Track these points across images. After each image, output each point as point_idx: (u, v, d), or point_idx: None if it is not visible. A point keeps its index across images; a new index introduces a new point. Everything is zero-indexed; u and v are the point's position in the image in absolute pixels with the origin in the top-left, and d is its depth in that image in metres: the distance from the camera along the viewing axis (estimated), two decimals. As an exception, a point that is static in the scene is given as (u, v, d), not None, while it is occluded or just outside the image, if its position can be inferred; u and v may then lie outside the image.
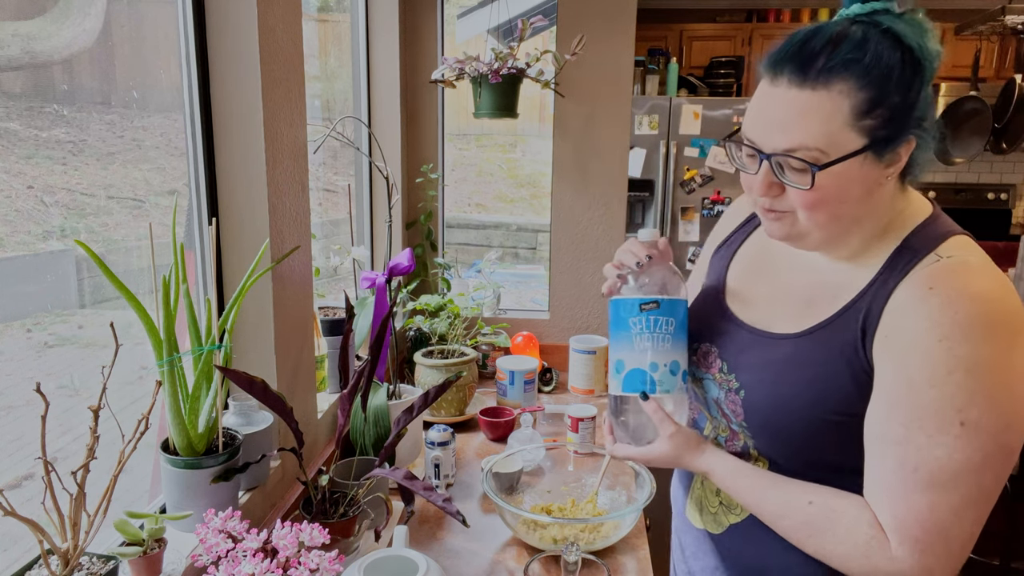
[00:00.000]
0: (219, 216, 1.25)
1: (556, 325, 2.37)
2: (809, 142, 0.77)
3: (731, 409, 0.96)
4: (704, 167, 4.70)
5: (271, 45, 1.22)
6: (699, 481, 1.06)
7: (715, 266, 1.09)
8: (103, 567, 0.91)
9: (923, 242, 0.83)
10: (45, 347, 1.21)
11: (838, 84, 0.76)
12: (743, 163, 0.87)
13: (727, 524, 1.00)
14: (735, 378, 0.94)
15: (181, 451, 1.07)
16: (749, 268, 1.03)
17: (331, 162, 2.23)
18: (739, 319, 0.99)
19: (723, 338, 0.99)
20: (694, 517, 1.07)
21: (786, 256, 0.98)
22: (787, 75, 0.78)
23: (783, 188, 0.83)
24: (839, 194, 0.80)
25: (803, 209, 0.82)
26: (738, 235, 1.08)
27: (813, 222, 0.83)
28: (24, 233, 1.15)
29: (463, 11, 3.44)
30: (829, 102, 0.76)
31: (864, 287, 0.85)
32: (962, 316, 0.75)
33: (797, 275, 0.96)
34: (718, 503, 1.02)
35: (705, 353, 1.01)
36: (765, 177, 0.83)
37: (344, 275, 1.92)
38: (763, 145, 0.81)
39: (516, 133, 5.59)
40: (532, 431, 1.68)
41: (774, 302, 0.96)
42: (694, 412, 1.07)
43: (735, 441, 0.98)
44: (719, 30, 5.25)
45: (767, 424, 0.91)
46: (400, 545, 1.12)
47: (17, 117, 1.12)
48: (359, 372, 1.32)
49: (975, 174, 5.44)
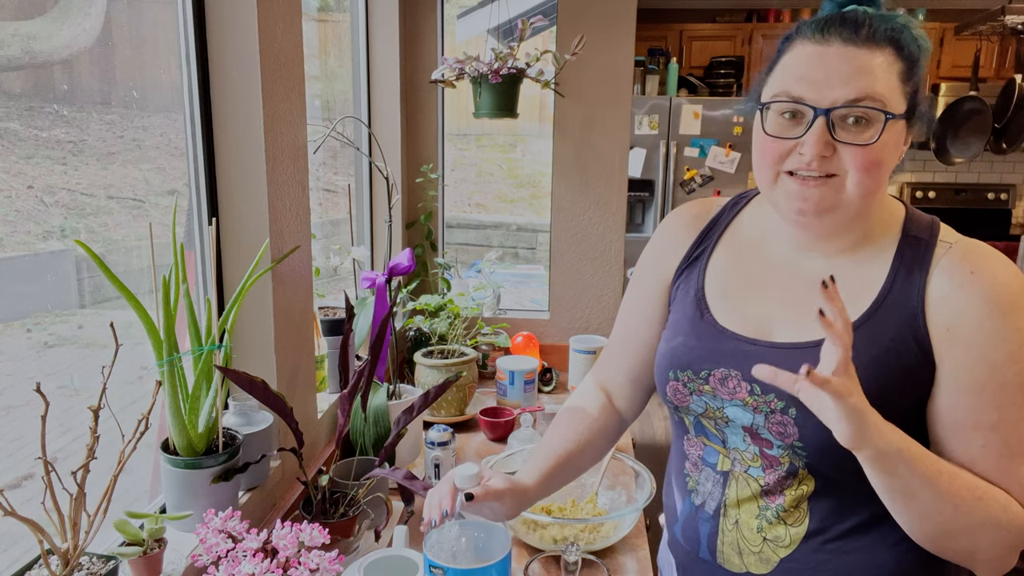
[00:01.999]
0: (219, 216, 1.25)
1: (556, 325, 2.37)
2: (875, 92, 0.79)
3: (776, 431, 0.87)
4: (704, 167, 4.70)
5: (271, 45, 1.22)
6: (730, 522, 0.95)
7: (684, 292, 1.00)
8: (103, 567, 0.91)
9: (922, 231, 0.86)
10: (45, 347, 1.21)
11: (885, 48, 0.80)
12: (780, 127, 0.84)
13: (777, 560, 0.92)
14: (775, 397, 0.86)
15: (181, 451, 1.07)
16: (729, 286, 0.97)
17: (331, 162, 2.23)
18: (750, 338, 0.91)
19: (742, 360, 0.90)
20: (731, 562, 0.96)
21: (764, 269, 0.95)
22: (838, 36, 0.80)
23: (834, 149, 0.81)
24: (889, 157, 0.81)
25: (859, 170, 0.80)
26: (698, 257, 1.01)
27: (861, 189, 0.81)
28: (24, 233, 1.15)
29: (463, 11, 3.44)
30: (884, 60, 0.80)
31: (886, 280, 0.85)
32: (1013, 291, 0.79)
33: (790, 283, 0.92)
34: (761, 540, 0.93)
35: (723, 379, 0.91)
36: (821, 135, 0.80)
37: (344, 275, 1.92)
38: (818, 101, 0.80)
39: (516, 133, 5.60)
40: (532, 431, 1.68)
41: (778, 314, 0.91)
42: (699, 450, 0.98)
43: (775, 468, 0.90)
44: (719, 30, 5.25)
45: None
46: (400, 545, 1.12)
47: (17, 117, 1.12)
48: (359, 372, 1.32)
49: (975, 174, 5.44)
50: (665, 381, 0.98)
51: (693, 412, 0.96)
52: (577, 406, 1.12)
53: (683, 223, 1.04)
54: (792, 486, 0.90)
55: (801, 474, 0.89)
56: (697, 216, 1.04)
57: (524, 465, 1.05)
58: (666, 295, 1.04)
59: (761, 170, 0.87)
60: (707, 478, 0.98)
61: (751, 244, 0.98)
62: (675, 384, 0.96)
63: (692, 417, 0.97)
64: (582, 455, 1.07)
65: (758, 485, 0.92)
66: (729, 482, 0.95)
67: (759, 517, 0.93)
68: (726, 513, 0.95)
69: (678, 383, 0.96)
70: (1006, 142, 4.50)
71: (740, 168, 4.70)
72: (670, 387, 0.97)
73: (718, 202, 1.05)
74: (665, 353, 0.99)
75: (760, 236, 0.98)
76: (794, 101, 0.81)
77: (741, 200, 1.03)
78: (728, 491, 0.95)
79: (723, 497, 0.96)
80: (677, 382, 0.96)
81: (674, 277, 1.03)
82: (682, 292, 1.01)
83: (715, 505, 0.97)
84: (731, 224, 1.02)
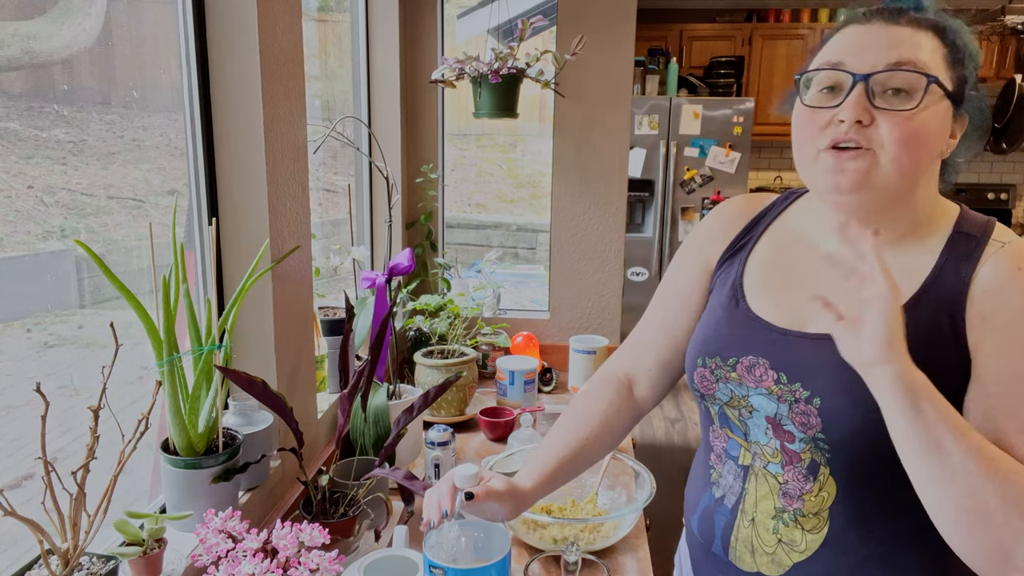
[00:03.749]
0: (219, 216, 1.25)
1: (556, 325, 2.37)
2: (916, 59, 0.79)
3: (799, 422, 0.88)
4: (704, 167, 4.70)
5: (271, 45, 1.22)
6: (746, 518, 0.95)
7: (723, 281, 1.01)
8: (103, 567, 0.91)
9: (975, 229, 0.86)
10: (45, 347, 1.21)
11: (928, 32, 0.81)
12: (819, 99, 0.84)
13: (790, 564, 0.91)
14: (802, 386, 0.87)
15: (181, 451, 1.07)
16: (768, 277, 0.97)
17: (331, 162, 2.23)
18: (782, 328, 0.92)
19: (770, 348, 0.91)
20: (742, 560, 0.95)
21: (805, 262, 0.95)
22: (880, 17, 0.82)
23: (872, 120, 0.80)
24: (929, 134, 0.81)
25: (896, 143, 0.79)
26: (742, 247, 1.02)
27: (899, 165, 0.80)
28: (24, 233, 1.15)
29: (463, 11, 3.44)
30: (927, 40, 0.81)
31: (931, 271, 0.85)
32: None
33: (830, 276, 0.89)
34: (776, 541, 0.92)
35: (750, 366, 0.92)
36: (859, 100, 0.79)
37: (344, 275, 1.92)
38: (857, 66, 0.80)
39: (516, 133, 5.59)
40: (532, 431, 1.68)
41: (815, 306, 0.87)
42: (723, 442, 0.99)
43: (795, 464, 0.90)
44: (719, 30, 5.25)
45: (852, 428, 0.83)
46: (400, 545, 1.12)
47: (17, 117, 1.12)
48: (359, 372, 1.32)
49: (975, 174, 5.44)
50: (694, 368, 0.98)
51: (719, 401, 0.97)
52: (588, 398, 1.11)
53: (732, 214, 1.05)
54: (812, 491, 0.89)
55: (822, 475, 0.88)
56: (746, 209, 1.05)
57: (526, 464, 1.04)
58: (707, 282, 1.05)
59: (800, 149, 0.87)
60: (729, 471, 0.98)
61: (794, 237, 0.98)
62: (703, 371, 0.97)
63: (717, 407, 0.98)
64: (590, 450, 1.06)
65: (776, 482, 0.92)
66: (749, 477, 0.95)
67: (776, 518, 0.92)
68: (744, 509, 0.95)
69: (705, 369, 0.96)
70: (1006, 142, 4.51)
71: (740, 168, 4.70)
72: (697, 373, 0.98)
73: (770, 197, 1.06)
74: (696, 339, 1.00)
75: (804, 229, 0.98)
76: (833, 68, 0.82)
77: (792, 195, 1.04)
78: (748, 486, 0.95)
79: (743, 492, 0.95)
80: (705, 368, 0.97)
81: (716, 266, 1.04)
82: (721, 281, 1.02)
83: (734, 499, 0.97)
84: (778, 217, 1.02)
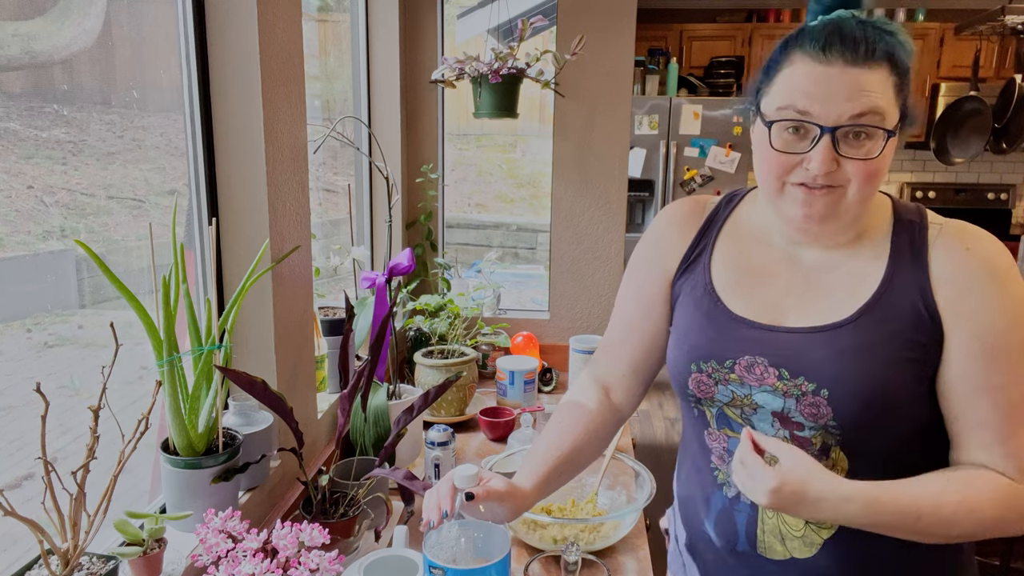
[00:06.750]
0: (219, 216, 1.25)
1: (556, 325, 2.37)
2: (876, 107, 0.84)
3: (809, 413, 0.90)
4: (704, 167, 4.71)
5: (271, 45, 1.22)
6: (769, 510, 0.95)
7: (691, 286, 1.02)
8: (103, 567, 0.91)
9: (911, 214, 0.94)
10: (45, 347, 1.21)
11: (882, 64, 0.85)
12: (786, 142, 0.88)
13: (820, 541, 0.94)
14: (806, 380, 0.90)
15: (181, 451, 1.07)
16: (739, 277, 0.99)
17: (331, 162, 2.23)
18: (766, 324, 0.94)
19: (763, 345, 0.93)
20: (773, 549, 0.97)
21: (767, 259, 0.99)
22: (840, 56, 0.84)
23: (838, 163, 0.86)
24: (886, 166, 0.87)
25: (861, 181, 0.86)
26: (701, 251, 1.03)
27: (861, 195, 0.87)
28: (24, 233, 1.15)
29: (463, 11, 3.44)
30: (881, 76, 0.85)
31: (888, 262, 0.91)
32: (1003, 263, 0.88)
33: (791, 273, 0.96)
34: (803, 524, 0.94)
35: (749, 366, 0.94)
36: (827, 152, 0.85)
37: (344, 275, 1.92)
38: (824, 118, 0.85)
39: (516, 133, 5.59)
40: (532, 431, 1.68)
41: (785, 301, 0.95)
42: (723, 442, 0.99)
43: (806, 449, 0.91)
44: (719, 30, 5.25)
45: (864, 409, 0.87)
46: (400, 545, 1.12)
47: (17, 117, 1.12)
48: (359, 372, 1.32)
49: (975, 174, 5.44)
50: (687, 374, 0.99)
51: (718, 403, 0.98)
52: (573, 404, 1.12)
53: (679, 219, 1.07)
54: (826, 463, 0.91)
55: (834, 454, 0.91)
56: (692, 212, 1.07)
57: (521, 468, 1.05)
58: (667, 290, 1.06)
59: (767, 181, 0.91)
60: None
61: (752, 236, 1.01)
62: (699, 376, 0.98)
63: (715, 409, 0.99)
64: (579, 455, 1.07)
65: None
66: None
67: None
68: None
69: (702, 375, 0.97)
70: (1006, 142, 4.50)
71: (740, 168, 4.70)
72: (693, 379, 0.98)
73: (711, 199, 1.08)
74: (682, 346, 1.00)
75: (760, 229, 1.01)
76: (800, 115, 0.86)
77: (736, 196, 1.07)
78: None
79: None
80: (701, 374, 0.97)
81: (676, 274, 1.05)
82: (688, 287, 1.03)
83: None
84: (729, 218, 1.05)
